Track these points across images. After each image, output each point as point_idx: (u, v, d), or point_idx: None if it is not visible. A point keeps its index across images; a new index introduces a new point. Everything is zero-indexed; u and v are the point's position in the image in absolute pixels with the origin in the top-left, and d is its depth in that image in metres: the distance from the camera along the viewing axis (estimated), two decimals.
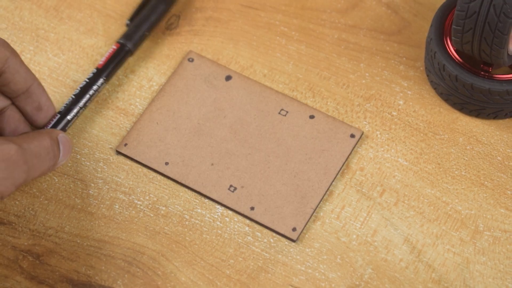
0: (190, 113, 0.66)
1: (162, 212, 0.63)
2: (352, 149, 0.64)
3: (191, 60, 0.68)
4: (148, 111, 0.66)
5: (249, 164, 0.63)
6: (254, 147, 0.64)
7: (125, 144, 0.65)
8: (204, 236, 0.62)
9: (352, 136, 0.64)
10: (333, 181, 0.63)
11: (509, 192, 0.63)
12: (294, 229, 0.61)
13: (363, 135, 0.65)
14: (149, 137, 0.65)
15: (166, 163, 0.63)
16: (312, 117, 0.65)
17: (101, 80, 0.66)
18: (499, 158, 0.65)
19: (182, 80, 0.67)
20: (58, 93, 0.68)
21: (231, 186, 0.62)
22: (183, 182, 0.63)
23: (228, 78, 0.67)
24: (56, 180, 0.64)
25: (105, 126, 0.66)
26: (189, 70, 0.67)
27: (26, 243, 0.62)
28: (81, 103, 0.65)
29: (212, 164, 0.63)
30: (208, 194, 0.63)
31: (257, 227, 0.62)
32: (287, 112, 0.65)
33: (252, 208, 0.62)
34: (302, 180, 0.63)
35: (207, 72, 0.67)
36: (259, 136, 0.65)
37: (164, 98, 0.66)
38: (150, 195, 0.64)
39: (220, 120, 0.65)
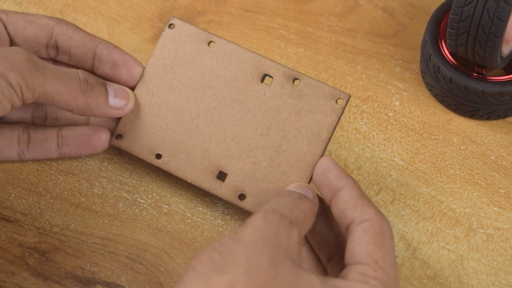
0: (176, 93, 0.63)
1: (165, 210, 0.64)
2: (339, 118, 0.61)
3: (172, 25, 0.64)
4: (136, 94, 0.63)
5: (237, 147, 0.62)
6: (239, 126, 0.62)
7: (118, 136, 0.63)
8: (205, 233, 0.63)
9: (339, 99, 0.61)
10: (323, 153, 0.60)
11: (502, 190, 0.64)
12: None
13: (358, 131, 0.65)
14: (139, 126, 0.63)
15: (158, 155, 0.62)
16: (296, 79, 0.62)
17: None
18: (492, 157, 0.66)
19: (165, 53, 0.64)
20: None
21: (219, 173, 0.61)
22: (174, 173, 0.62)
23: (210, 42, 0.64)
24: (62, 179, 0.65)
25: None
26: (171, 39, 0.64)
27: (32, 241, 0.62)
28: None
29: (200, 150, 0.62)
30: (198, 184, 0.61)
31: None
32: (271, 77, 0.62)
33: (242, 197, 0.61)
34: (289, 160, 0.61)
35: (188, 39, 0.64)
36: (245, 112, 0.62)
37: (150, 77, 0.64)
38: (153, 193, 0.64)
39: (205, 98, 0.63)
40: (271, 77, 0.62)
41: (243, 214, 0.63)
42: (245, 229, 0.53)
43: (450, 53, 0.66)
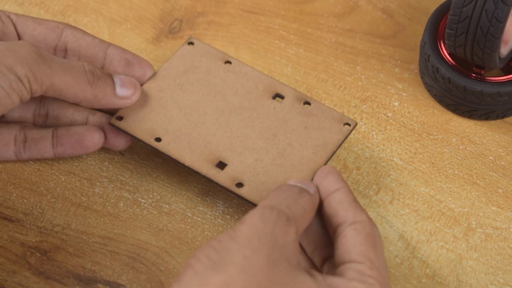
0: (186, 93, 0.64)
1: (165, 210, 0.64)
2: (345, 138, 0.62)
3: (191, 43, 0.67)
4: (144, 88, 0.64)
5: (241, 145, 0.62)
6: (246, 128, 0.63)
7: (118, 118, 0.63)
8: (205, 233, 0.63)
9: (347, 124, 0.63)
10: (326, 163, 0.61)
11: (500, 190, 0.64)
12: None
13: (357, 131, 0.64)
14: (142, 112, 0.63)
15: (157, 138, 0.62)
16: (307, 103, 0.64)
17: None
18: (491, 157, 0.66)
19: (180, 62, 0.66)
20: None
21: (219, 162, 0.61)
22: (173, 156, 0.61)
23: (226, 62, 0.66)
24: (63, 179, 0.65)
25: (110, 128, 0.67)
26: (189, 53, 0.66)
27: (33, 240, 0.62)
28: None
29: (203, 141, 0.62)
30: (195, 168, 0.61)
31: None
32: (283, 97, 0.64)
33: (240, 185, 0.60)
34: (293, 163, 0.61)
35: (206, 56, 0.66)
36: (253, 119, 0.63)
37: (161, 78, 0.65)
38: (154, 193, 0.64)
39: (215, 101, 0.64)
40: (282, 97, 0.64)
41: (243, 213, 0.64)
42: (242, 226, 0.53)
43: (449, 54, 0.66)
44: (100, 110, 0.64)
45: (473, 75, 0.65)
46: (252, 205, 0.60)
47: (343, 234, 0.55)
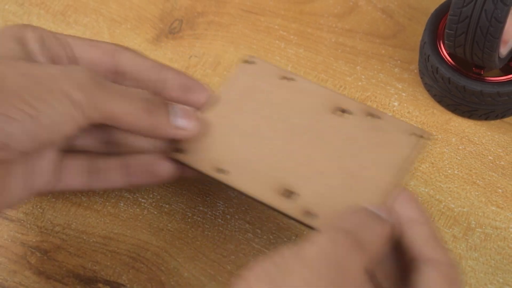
0: (246, 118, 0.61)
1: (166, 209, 0.64)
2: (419, 151, 0.58)
3: (248, 62, 0.63)
4: (203, 116, 0.61)
5: (308, 169, 0.58)
6: (310, 150, 0.59)
7: (178, 150, 0.60)
8: (206, 232, 0.63)
9: (420, 137, 0.59)
10: (400, 183, 0.57)
11: (500, 190, 0.64)
12: None
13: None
14: (202, 143, 0.60)
15: (220, 170, 0.59)
16: (374, 117, 0.60)
17: None
18: (490, 157, 0.66)
19: (239, 84, 0.62)
20: None
21: (286, 191, 0.58)
22: (237, 188, 0.59)
23: (286, 79, 0.62)
24: None
25: None
26: (247, 73, 0.63)
27: (34, 240, 0.63)
28: None
29: (267, 169, 0.59)
30: (262, 200, 0.58)
31: (257, 224, 0.63)
32: (348, 112, 0.60)
33: (309, 214, 0.57)
34: (363, 185, 0.57)
35: (264, 74, 0.63)
36: (318, 139, 0.60)
37: (220, 103, 0.62)
38: (154, 193, 0.64)
39: (277, 124, 0.61)
40: (348, 112, 0.60)
41: (244, 213, 0.64)
42: (311, 246, 0.48)
43: (449, 54, 0.66)
44: None
45: (473, 75, 0.65)
46: None
47: (423, 271, 0.51)
